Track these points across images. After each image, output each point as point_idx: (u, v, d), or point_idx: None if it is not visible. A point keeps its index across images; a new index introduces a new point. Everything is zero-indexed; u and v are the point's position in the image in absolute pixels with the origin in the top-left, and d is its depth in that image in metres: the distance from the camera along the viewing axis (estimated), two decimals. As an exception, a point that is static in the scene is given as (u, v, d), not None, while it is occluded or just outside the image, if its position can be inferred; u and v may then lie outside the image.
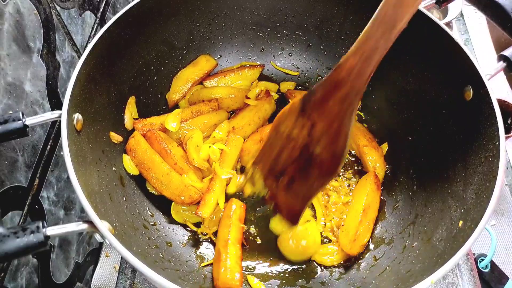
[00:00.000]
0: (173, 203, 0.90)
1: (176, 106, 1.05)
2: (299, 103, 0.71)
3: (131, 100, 0.93)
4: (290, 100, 1.07)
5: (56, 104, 0.87)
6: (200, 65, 1.07)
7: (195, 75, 1.06)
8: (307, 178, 0.75)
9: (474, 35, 1.51)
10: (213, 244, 0.89)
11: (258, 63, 1.13)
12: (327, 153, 0.71)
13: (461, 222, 0.70)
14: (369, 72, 0.63)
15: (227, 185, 0.94)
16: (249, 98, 1.06)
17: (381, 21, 0.60)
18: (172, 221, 0.91)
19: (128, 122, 0.92)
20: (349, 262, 0.87)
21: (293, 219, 0.80)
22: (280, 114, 0.76)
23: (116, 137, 0.87)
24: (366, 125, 1.06)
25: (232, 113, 1.06)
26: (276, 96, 1.10)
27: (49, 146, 0.86)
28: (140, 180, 0.91)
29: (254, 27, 1.10)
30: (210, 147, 0.94)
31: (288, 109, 0.74)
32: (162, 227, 0.88)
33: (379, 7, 0.60)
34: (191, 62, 1.07)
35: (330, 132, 0.69)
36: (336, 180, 0.99)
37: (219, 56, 1.12)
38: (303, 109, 0.71)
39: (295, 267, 0.87)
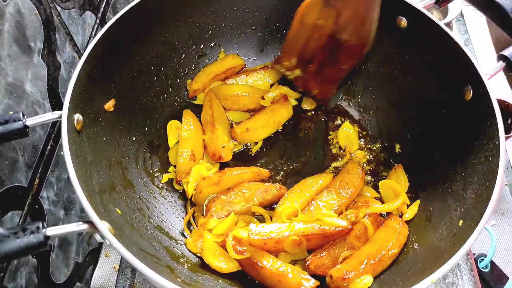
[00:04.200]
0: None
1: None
2: None
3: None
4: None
5: (56, 104, 0.87)
6: (224, 61, 1.10)
7: (217, 69, 1.08)
8: (336, 62, 0.84)
9: (474, 35, 1.51)
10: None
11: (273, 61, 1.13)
12: (354, 38, 0.79)
13: (461, 221, 0.70)
14: None
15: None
16: (264, 99, 1.06)
17: None
18: (173, 222, 0.91)
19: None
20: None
21: (324, 100, 0.94)
22: (302, 6, 0.83)
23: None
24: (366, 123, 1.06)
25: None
26: (294, 102, 1.09)
27: (49, 146, 0.86)
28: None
29: (253, 27, 1.10)
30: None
31: (310, 1, 0.81)
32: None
33: None
34: (193, 62, 1.08)
35: (356, 18, 0.76)
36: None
37: (217, 57, 1.12)
38: (327, 0, 0.77)
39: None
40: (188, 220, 0.91)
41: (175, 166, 0.98)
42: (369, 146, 1.03)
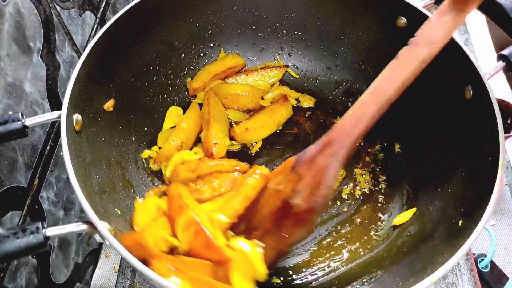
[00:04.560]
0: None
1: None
2: (292, 160, 0.74)
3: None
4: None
5: (56, 104, 0.87)
6: (225, 61, 1.10)
7: (217, 68, 1.09)
8: (279, 229, 0.73)
9: (474, 35, 1.51)
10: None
11: (283, 63, 1.14)
12: (305, 202, 0.70)
13: (461, 221, 0.70)
14: (358, 132, 0.68)
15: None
16: (264, 99, 1.06)
17: (375, 91, 0.69)
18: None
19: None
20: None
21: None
22: (272, 171, 0.79)
23: None
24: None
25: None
26: (294, 102, 1.09)
27: (49, 146, 0.86)
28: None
29: (253, 27, 1.10)
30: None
31: (281, 167, 0.77)
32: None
33: (376, 80, 0.69)
34: (193, 62, 1.08)
35: (313, 182, 0.69)
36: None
37: (217, 57, 1.12)
38: (293, 166, 0.73)
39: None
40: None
41: (160, 148, 0.98)
42: (368, 146, 1.03)
